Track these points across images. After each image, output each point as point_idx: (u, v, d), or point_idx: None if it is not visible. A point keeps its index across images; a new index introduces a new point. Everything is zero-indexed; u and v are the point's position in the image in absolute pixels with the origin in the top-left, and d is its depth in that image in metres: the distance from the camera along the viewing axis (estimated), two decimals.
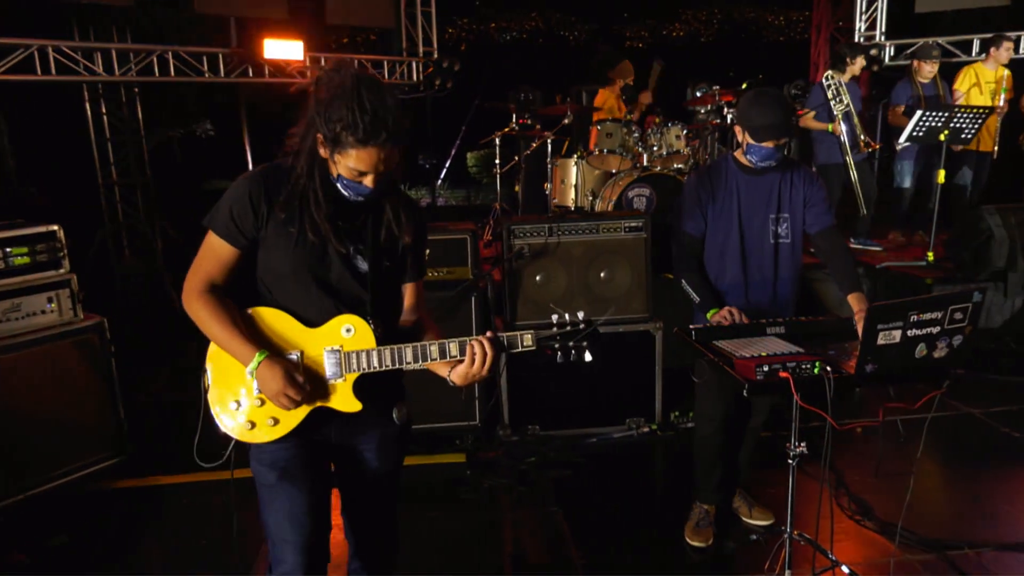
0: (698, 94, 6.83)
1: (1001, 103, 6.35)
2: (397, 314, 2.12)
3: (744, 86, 6.03)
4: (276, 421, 1.94)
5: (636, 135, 5.30)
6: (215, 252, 1.95)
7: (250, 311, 1.97)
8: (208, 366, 2.02)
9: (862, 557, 3.04)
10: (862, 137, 5.92)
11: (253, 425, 1.96)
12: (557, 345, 1.92)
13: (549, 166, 5.44)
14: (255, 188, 1.90)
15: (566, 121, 5.30)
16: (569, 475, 3.81)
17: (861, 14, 8.99)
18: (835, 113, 5.83)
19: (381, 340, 1.94)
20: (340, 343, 1.93)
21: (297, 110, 1.89)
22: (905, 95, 6.33)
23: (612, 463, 3.98)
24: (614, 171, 5.37)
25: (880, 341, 2.24)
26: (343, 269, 1.94)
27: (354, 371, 1.93)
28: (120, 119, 6.80)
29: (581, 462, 3.93)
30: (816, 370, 2.28)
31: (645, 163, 5.24)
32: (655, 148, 5.28)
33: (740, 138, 2.89)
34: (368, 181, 1.82)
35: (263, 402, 1.94)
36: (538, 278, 4.13)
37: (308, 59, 7.15)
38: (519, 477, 3.77)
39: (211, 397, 2.01)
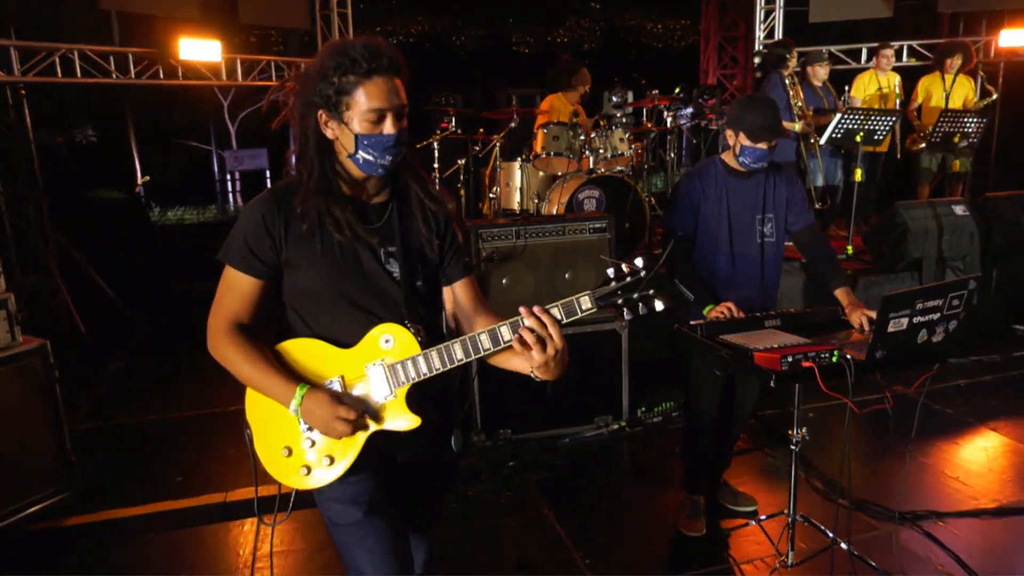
0: (614, 99, 7.04)
1: (897, 106, 6.89)
2: (438, 315, 1.99)
3: (677, 90, 6.26)
4: (331, 460, 1.78)
5: (582, 138, 5.39)
6: (235, 287, 1.78)
7: (277, 348, 1.81)
8: (248, 418, 1.85)
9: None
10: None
11: (308, 470, 1.80)
12: (620, 300, 1.67)
13: (496, 169, 5.45)
14: (267, 209, 1.75)
15: (512, 125, 5.33)
16: (550, 477, 3.82)
17: (760, 23, 9.50)
18: (794, 113, 6.15)
19: (425, 344, 1.77)
20: (381, 356, 1.77)
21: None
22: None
23: (589, 462, 4.02)
24: (560, 174, 5.44)
25: (890, 329, 2.38)
26: (379, 276, 1.81)
27: (403, 384, 1.76)
28: (7, 124, 6.21)
29: (559, 463, 3.95)
30: (835, 358, 2.40)
31: (591, 166, 5.34)
32: (600, 151, 5.38)
33: (731, 141, 3.01)
34: (389, 126, 1.70)
35: (313, 443, 1.78)
36: (505, 281, 4.12)
37: (225, 60, 6.83)
38: (503, 483, 3.74)
39: (259, 448, 1.84)
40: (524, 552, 3.18)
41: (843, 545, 2.82)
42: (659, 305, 1.68)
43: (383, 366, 1.77)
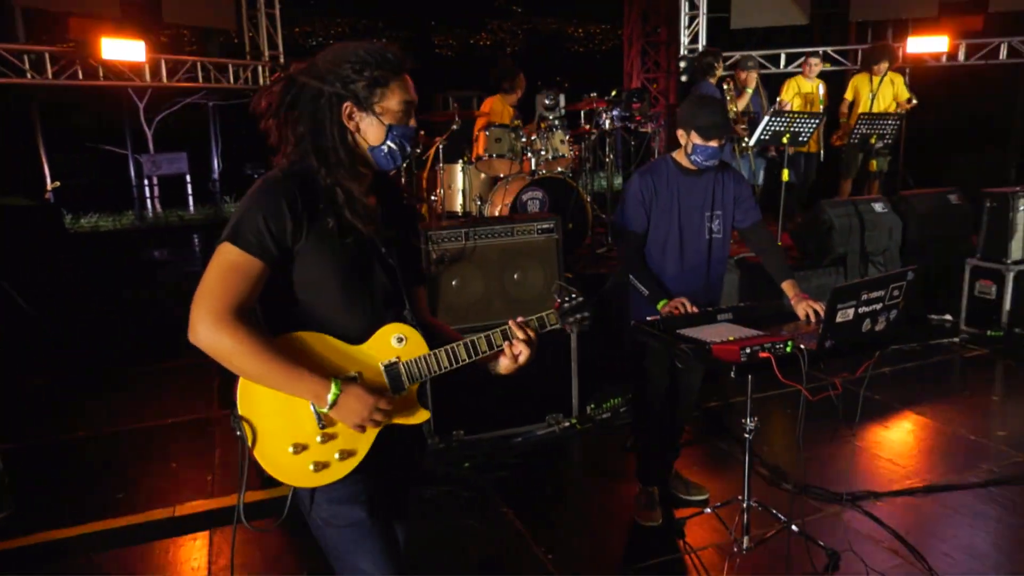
0: (547, 101, 7.14)
1: (821, 110, 7.24)
2: (418, 314, 1.97)
3: (614, 93, 6.40)
4: (347, 453, 1.74)
5: (523, 140, 5.44)
6: (242, 271, 1.64)
7: (288, 338, 1.71)
8: (244, 416, 1.70)
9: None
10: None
11: (324, 465, 1.72)
12: (571, 320, 1.92)
13: (439, 171, 5.45)
14: (291, 193, 1.67)
15: (454, 127, 5.34)
16: (506, 476, 3.85)
17: (684, 28, 9.78)
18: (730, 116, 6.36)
19: (429, 343, 1.82)
20: (396, 354, 1.78)
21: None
22: None
23: (543, 459, 4.07)
24: (502, 175, 5.48)
25: (839, 319, 2.51)
26: (386, 268, 1.81)
27: (416, 380, 1.80)
28: None
29: (514, 462, 3.99)
30: (789, 348, 2.51)
31: (533, 167, 5.40)
32: (542, 152, 5.45)
33: (683, 141, 3.11)
34: (413, 118, 1.81)
35: (329, 437, 1.72)
36: (455, 283, 4.13)
37: (149, 61, 6.59)
38: (460, 484, 3.75)
39: (261, 451, 1.71)
40: (486, 550, 3.20)
41: (794, 527, 2.95)
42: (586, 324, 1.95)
43: (400, 363, 1.79)
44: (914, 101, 7.23)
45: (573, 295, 1.92)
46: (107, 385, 5.27)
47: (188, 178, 13.39)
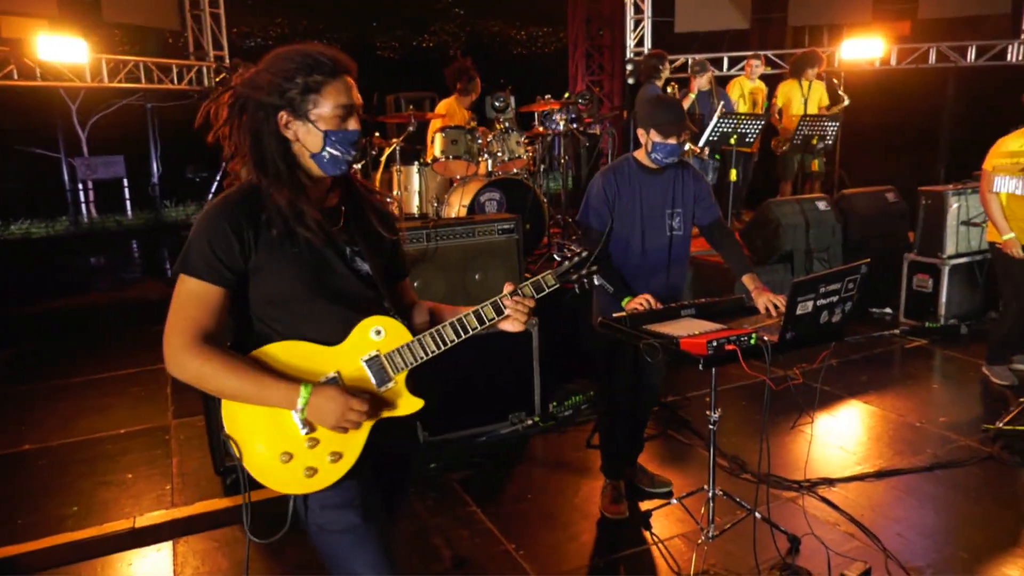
0: (496, 103, 7.19)
1: (760, 111, 7.47)
2: (404, 308, 2.02)
3: (566, 95, 6.47)
4: (339, 455, 1.74)
5: (479, 142, 5.47)
6: (200, 298, 1.69)
7: (256, 354, 1.74)
8: (231, 434, 1.72)
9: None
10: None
11: (314, 471, 1.73)
12: (575, 276, 1.94)
13: (395, 173, 5.42)
14: (231, 216, 1.70)
15: (411, 128, 5.33)
16: (472, 475, 3.87)
17: (630, 32, 9.95)
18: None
19: (413, 331, 1.82)
20: (375, 348, 1.78)
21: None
22: None
23: (508, 458, 4.10)
24: (459, 177, 5.49)
25: (799, 312, 2.62)
26: (348, 276, 1.81)
27: (402, 370, 1.79)
28: None
29: (480, 461, 4.01)
30: (753, 341, 2.60)
31: (489, 168, 5.43)
32: (498, 154, 5.49)
33: (643, 140, 3.19)
34: (354, 122, 1.75)
35: (317, 442, 1.73)
36: (416, 284, 4.13)
37: (91, 61, 6.39)
38: (427, 484, 3.75)
39: (251, 462, 1.73)
40: (457, 549, 3.21)
41: (757, 515, 3.05)
42: (596, 280, 2.06)
43: (380, 356, 1.79)
44: (847, 101, 7.51)
45: (574, 253, 1.94)
46: (50, 396, 5.09)
47: (125, 182, 13.00)
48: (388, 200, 2.08)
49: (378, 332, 1.80)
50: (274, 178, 1.74)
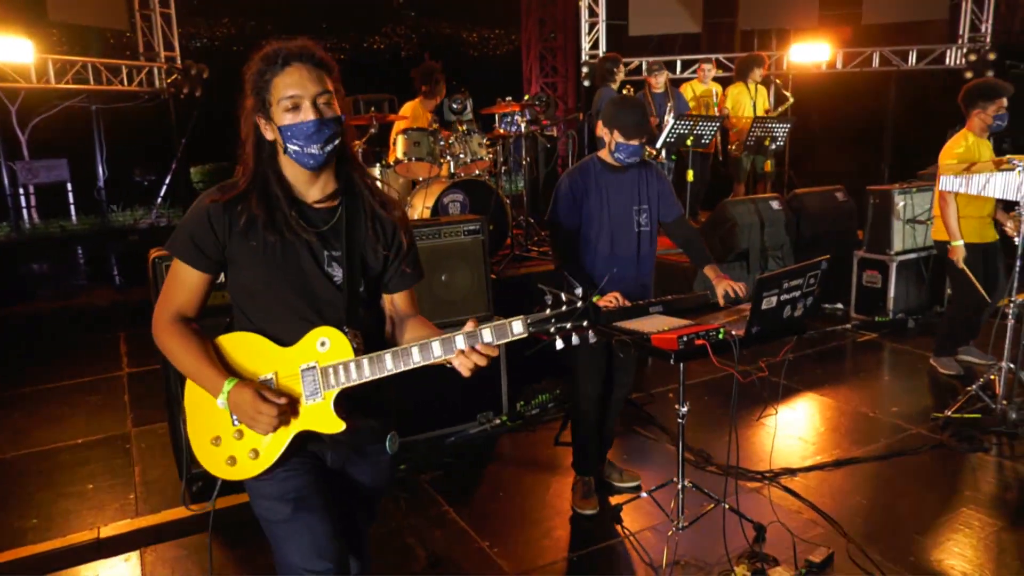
0: (454, 105, 7.22)
1: (716, 112, 7.64)
2: (380, 324, 2.03)
3: (526, 97, 6.52)
4: (257, 453, 1.81)
5: (442, 143, 5.49)
6: (181, 279, 1.84)
7: (217, 340, 1.85)
8: (184, 404, 1.88)
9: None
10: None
11: (234, 461, 1.83)
12: (552, 328, 1.70)
13: None
14: (213, 205, 1.80)
15: (372, 131, 5.31)
16: (443, 475, 3.89)
17: (585, 35, 10.07)
18: None
19: (360, 351, 1.80)
20: (316, 359, 1.80)
21: None
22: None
23: (478, 457, 4.13)
24: (421, 178, 5.50)
25: (763, 306, 2.71)
26: (319, 279, 1.84)
27: (332, 387, 1.78)
28: None
29: (450, 461, 4.03)
30: (721, 335, 2.69)
31: (452, 170, 5.45)
32: (461, 156, 5.51)
33: (607, 139, 3.26)
34: (306, 112, 1.72)
35: (242, 434, 1.82)
36: None
37: (36, 61, 6.20)
38: (398, 485, 3.75)
39: (191, 434, 1.87)
40: (432, 548, 3.23)
41: (725, 505, 3.14)
42: (592, 337, 1.75)
43: (316, 368, 1.80)
44: (791, 99, 7.72)
45: (568, 298, 1.71)
46: (2, 407, 4.93)
47: (69, 186, 12.62)
48: (393, 207, 2.00)
49: (323, 344, 1.80)
50: (242, 176, 1.84)
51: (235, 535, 3.29)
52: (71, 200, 12.72)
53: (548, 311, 1.71)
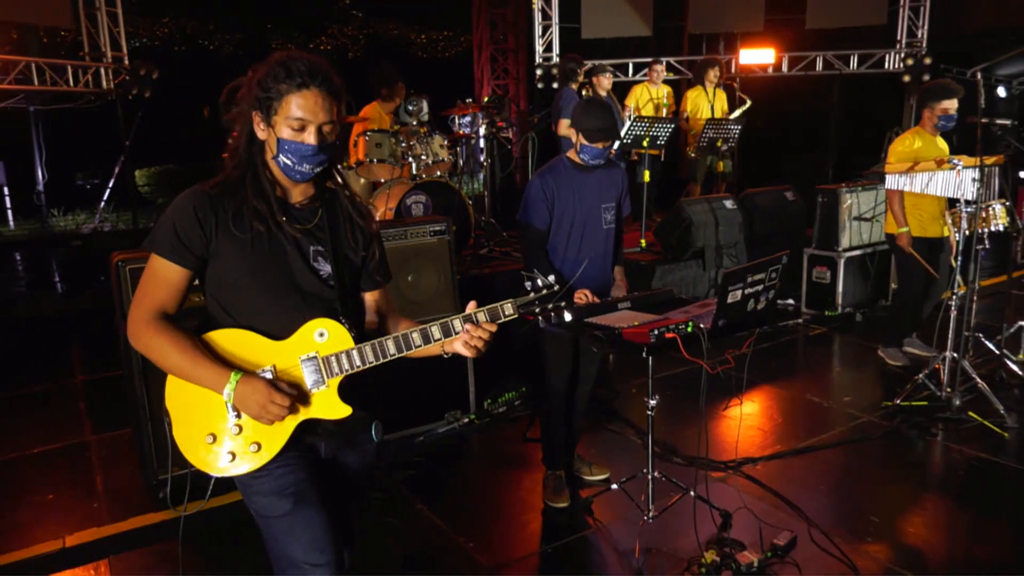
0: (411, 107, 7.23)
1: (664, 114, 7.82)
2: (363, 320, 2.10)
3: (486, 99, 6.57)
4: (259, 447, 1.83)
5: (403, 145, 5.50)
6: (161, 276, 1.82)
7: (204, 337, 1.84)
8: (168, 406, 1.85)
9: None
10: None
11: (233, 457, 1.83)
12: (537, 310, 1.93)
13: None
14: (199, 200, 1.81)
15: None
16: (415, 474, 3.91)
17: (539, 37, 10.17)
18: None
19: (357, 340, 1.89)
20: (315, 349, 1.85)
21: None
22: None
23: (448, 455, 4.17)
24: (383, 180, 5.50)
25: (729, 300, 2.82)
26: (306, 273, 1.89)
27: (336, 375, 1.86)
28: None
29: (421, 460, 4.05)
30: (690, 329, 2.78)
31: (413, 171, 5.47)
32: (423, 157, 5.53)
33: (574, 140, 3.34)
34: (310, 136, 1.78)
35: (241, 429, 1.82)
36: None
37: None
38: (370, 485, 3.76)
39: (178, 434, 1.84)
40: (409, 546, 3.26)
41: (692, 494, 3.24)
42: (567, 316, 1.97)
43: (318, 358, 1.85)
44: (748, 102, 7.95)
45: (544, 284, 1.93)
46: None
47: (6, 190, 12.19)
48: (370, 219, 2.10)
49: (321, 334, 1.86)
50: (235, 167, 1.86)
51: (206, 540, 3.27)
52: (8, 204, 12.29)
53: (532, 295, 1.93)
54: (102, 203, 11.59)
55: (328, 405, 1.87)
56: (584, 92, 7.18)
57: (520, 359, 4.07)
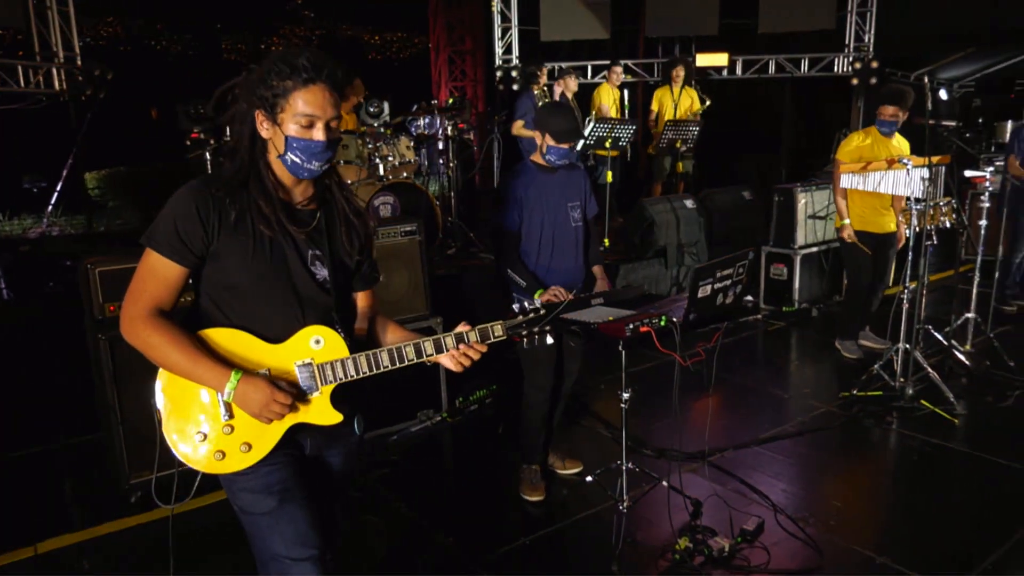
0: (371, 109, 7.24)
1: (626, 115, 7.97)
2: (354, 323, 2.11)
3: (451, 100, 6.62)
4: (249, 447, 1.85)
5: (370, 147, 5.51)
6: (159, 273, 1.81)
7: (201, 334, 1.84)
8: (160, 397, 1.84)
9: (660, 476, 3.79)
10: None
11: (223, 455, 1.84)
12: (524, 332, 2.04)
13: None
14: (201, 199, 1.79)
15: None
16: (390, 472, 3.95)
17: (498, 40, 10.25)
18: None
19: (349, 345, 1.92)
20: (310, 356, 1.87)
21: None
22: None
23: (422, 454, 4.21)
24: (350, 181, 5.50)
25: (699, 295, 2.93)
26: (304, 277, 1.90)
27: (330, 383, 1.88)
28: None
29: (396, 459, 4.08)
30: (664, 323, 2.88)
31: (380, 173, 5.49)
32: (389, 158, 5.55)
33: (539, 142, 3.43)
34: (319, 132, 1.79)
35: (232, 429, 1.84)
36: None
37: None
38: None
39: (168, 430, 1.84)
40: (391, 541, 3.29)
41: (668, 484, 3.34)
42: (549, 340, 2.09)
43: (313, 365, 1.87)
44: (708, 102, 8.14)
45: (531, 308, 2.03)
46: None
47: None
48: (367, 218, 2.14)
49: (318, 341, 1.89)
50: (238, 168, 1.85)
51: (183, 542, 3.26)
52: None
53: (520, 317, 2.05)
54: (50, 207, 11.28)
55: (320, 411, 1.89)
56: (539, 94, 7.24)
57: (490, 358, 4.12)
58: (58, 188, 10.69)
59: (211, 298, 1.87)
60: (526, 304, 2.05)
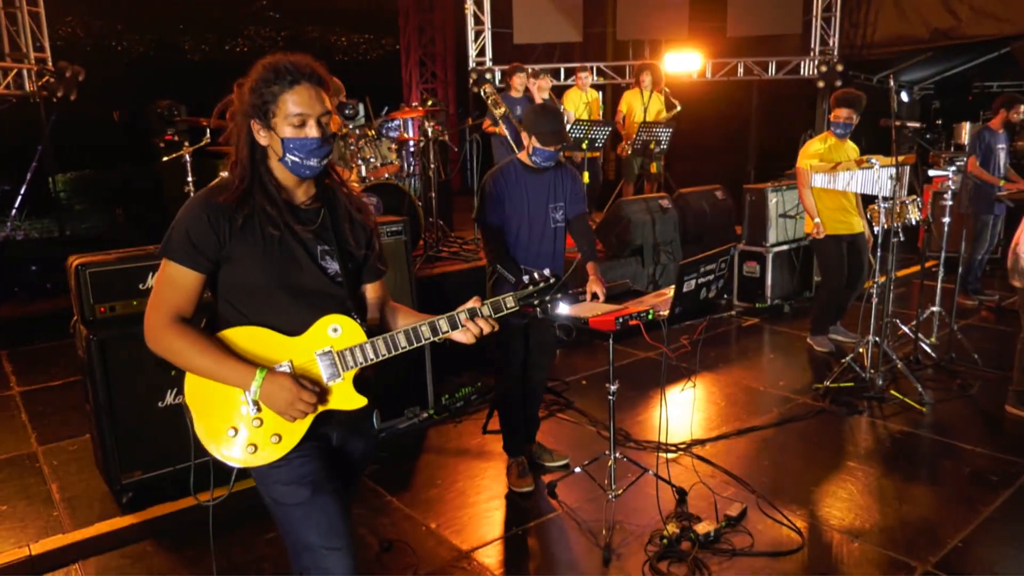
0: (347, 111, 7.28)
1: (600, 117, 8.10)
2: (366, 313, 2.17)
3: (430, 103, 6.68)
4: (280, 437, 1.91)
5: (352, 147, 5.55)
6: (177, 282, 1.88)
7: (220, 335, 1.90)
8: (188, 402, 1.91)
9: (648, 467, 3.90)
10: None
11: (256, 448, 1.90)
12: (536, 302, 2.06)
13: None
14: (211, 209, 1.87)
15: None
16: (380, 468, 4.00)
17: (471, 42, 10.32)
18: (496, 119, 6.84)
19: (368, 334, 1.98)
20: (329, 344, 1.94)
21: None
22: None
23: (411, 450, 4.27)
24: None
25: (684, 289, 3.04)
26: (315, 272, 1.97)
27: (351, 368, 1.94)
28: None
29: (384, 455, 4.14)
30: (651, 316, 2.99)
31: (363, 174, 5.54)
32: (372, 159, 5.60)
33: (526, 143, 3.52)
34: (312, 129, 1.86)
35: (262, 422, 1.89)
36: None
37: None
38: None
39: (201, 432, 1.90)
40: (382, 534, 3.35)
41: (655, 474, 3.45)
42: (560, 307, 2.13)
43: (332, 352, 1.94)
44: (678, 107, 8.31)
45: (541, 278, 2.06)
46: None
47: None
48: (369, 214, 2.21)
49: (335, 329, 1.95)
50: (241, 177, 1.92)
51: (178, 540, 3.29)
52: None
53: (531, 288, 2.05)
54: (13, 210, 11.08)
55: (344, 396, 1.95)
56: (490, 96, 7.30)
57: (475, 354, 4.20)
58: (22, 192, 10.49)
59: (228, 300, 1.94)
60: (535, 275, 2.07)
